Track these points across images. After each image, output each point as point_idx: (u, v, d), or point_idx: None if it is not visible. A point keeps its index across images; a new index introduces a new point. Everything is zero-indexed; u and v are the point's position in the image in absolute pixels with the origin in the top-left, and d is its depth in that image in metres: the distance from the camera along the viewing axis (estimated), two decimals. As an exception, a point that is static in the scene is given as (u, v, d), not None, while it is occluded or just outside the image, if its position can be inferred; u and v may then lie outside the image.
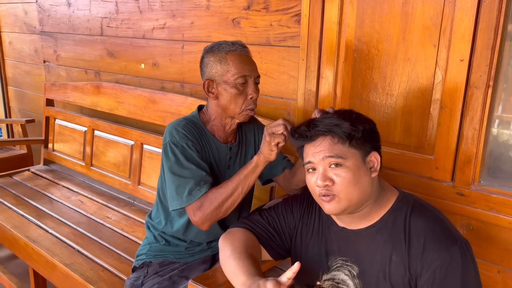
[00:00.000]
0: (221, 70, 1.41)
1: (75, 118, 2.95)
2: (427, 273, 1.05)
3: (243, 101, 1.43)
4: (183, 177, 1.36)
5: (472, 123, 1.44)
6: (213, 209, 1.33)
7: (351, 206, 1.10)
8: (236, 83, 1.40)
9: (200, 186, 1.35)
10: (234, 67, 1.40)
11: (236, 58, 1.41)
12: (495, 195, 1.44)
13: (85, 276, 1.77)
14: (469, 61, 1.41)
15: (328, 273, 1.21)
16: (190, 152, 1.39)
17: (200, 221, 1.35)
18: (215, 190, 1.35)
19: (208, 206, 1.34)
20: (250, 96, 1.43)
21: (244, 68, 1.41)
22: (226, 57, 1.41)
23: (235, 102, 1.42)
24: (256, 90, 1.44)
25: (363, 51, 1.65)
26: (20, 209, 2.42)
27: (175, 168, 1.38)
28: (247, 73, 1.41)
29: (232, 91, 1.41)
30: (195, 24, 2.28)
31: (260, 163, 1.34)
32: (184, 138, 1.40)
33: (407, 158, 1.61)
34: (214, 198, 1.34)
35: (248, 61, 1.44)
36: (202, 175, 1.37)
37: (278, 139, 1.26)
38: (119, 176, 2.60)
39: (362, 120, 1.12)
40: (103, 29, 2.82)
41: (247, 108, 1.44)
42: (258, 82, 1.46)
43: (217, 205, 1.34)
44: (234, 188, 1.34)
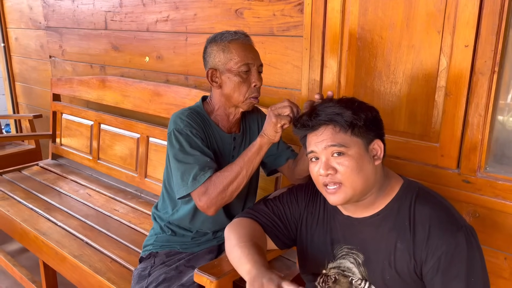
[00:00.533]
0: (224, 59, 1.41)
1: (81, 112, 2.97)
2: (432, 260, 1.05)
3: (246, 89, 1.43)
4: (187, 164, 1.36)
5: (477, 110, 1.43)
6: (218, 193, 1.32)
7: (356, 195, 1.10)
8: (240, 71, 1.40)
9: (204, 171, 1.34)
10: (237, 55, 1.40)
11: (239, 46, 1.42)
12: (501, 181, 1.43)
13: (94, 267, 1.79)
14: (473, 47, 1.40)
15: (333, 261, 1.22)
16: (194, 140, 1.39)
17: (206, 206, 1.34)
18: (219, 174, 1.34)
19: (213, 190, 1.32)
20: (253, 84, 1.43)
21: (247, 56, 1.41)
22: (229, 46, 1.41)
23: (238, 90, 1.43)
24: (259, 78, 1.44)
25: (366, 39, 1.64)
26: (29, 202, 2.45)
27: (179, 156, 1.38)
28: (250, 61, 1.41)
29: (235, 79, 1.41)
30: (198, 16, 2.28)
31: (263, 145, 1.33)
32: (188, 126, 1.41)
33: (412, 146, 1.61)
34: (219, 182, 1.32)
35: (250, 49, 1.44)
36: (206, 161, 1.36)
37: (284, 121, 1.25)
38: (126, 169, 2.62)
39: (365, 108, 1.12)
40: (107, 23, 2.83)
41: (251, 96, 1.44)
42: (261, 71, 1.47)
43: (222, 188, 1.32)
44: (238, 171, 1.33)
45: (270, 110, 1.30)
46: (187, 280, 1.44)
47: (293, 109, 1.26)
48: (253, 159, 1.34)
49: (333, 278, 1.21)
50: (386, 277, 1.12)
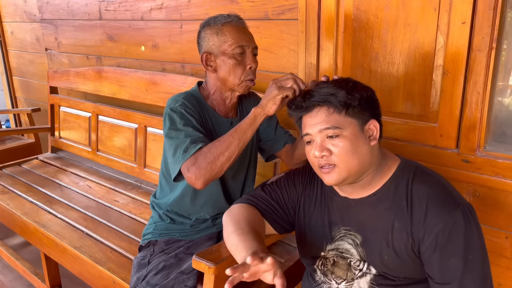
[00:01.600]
0: (218, 42, 1.40)
1: (79, 104, 2.95)
2: (430, 238, 1.04)
3: (242, 71, 1.41)
4: (179, 139, 1.31)
5: (475, 88, 1.41)
6: (207, 163, 1.24)
7: (351, 175, 1.09)
8: (234, 53, 1.39)
9: (195, 143, 1.28)
10: (231, 37, 1.38)
11: (233, 28, 1.40)
12: (501, 160, 1.42)
13: (94, 257, 1.79)
14: (471, 23, 1.37)
15: (332, 243, 1.21)
16: (187, 117, 1.36)
17: (194, 177, 1.25)
18: (210, 145, 1.28)
19: (203, 160, 1.24)
20: (249, 66, 1.41)
21: (241, 38, 1.40)
22: (223, 29, 1.40)
23: (234, 73, 1.41)
24: (254, 60, 1.42)
25: (362, 19, 1.61)
26: (29, 196, 2.45)
27: (172, 133, 1.34)
28: (244, 43, 1.40)
29: (230, 62, 1.40)
30: (192, 2, 2.25)
31: (258, 116, 1.27)
32: (183, 105, 1.39)
33: (411, 127, 1.59)
34: (209, 152, 1.25)
35: (244, 32, 1.43)
36: (198, 136, 1.32)
37: (287, 92, 1.21)
38: (125, 160, 2.62)
39: (359, 88, 1.10)
40: (102, 13, 2.80)
41: (247, 78, 1.43)
42: (256, 53, 1.45)
43: (212, 158, 1.24)
44: (230, 141, 1.26)
45: (272, 82, 1.25)
46: (186, 267, 1.43)
47: (297, 81, 1.22)
48: (246, 130, 1.27)
49: (332, 260, 1.21)
50: (384, 256, 1.11)
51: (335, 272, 1.20)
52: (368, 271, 1.14)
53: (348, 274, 1.17)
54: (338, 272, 1.19)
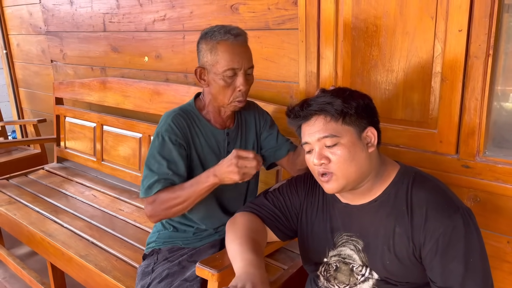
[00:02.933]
0: (211, 60, 1.39)
1: (83, 114, 2.99)
2: (431, 242, 1.05)
3: (231, 93, 1.42)
4: (151, 170, 1.40)
5: (474, 94, 1.42)
6: (162, 209, 1.38)
7: (350, 183, 1.11)
8: (224, 75, 1.38)
9: (159, 183, 1.38)
10: (223, 59, 1.37)
11: (227, 49, 1.37)
12: (501, 165, 1.43)
13: (100, 266, 1.81)
14: (467, 31, 1.39)
15: (334, 249, 1.23)
16: (168, 147, 1.41)
17: (149, 214, 1.41)
18: (170, 193, 1.37)
19: (159, 205, 1.37)
20: (238, 89, 1.41)
21: (233, 61, 1.38)
22: (217, 47, 1.38)
23: (223, 94, 1.42)
24: (245, 82, 1.41)
25: (361, 28, 1.63)
26: (36, 206, 2.47)
27: (149, 158, 1.43)
28: (236, 66, 1.38)
29: (220, 83, 1.40)
30: (195, 13, 2.28)
31: (215, 185, 1.33)
32: (169, 131, 1.43)
33: (410, 133, 1.61)
34: (166, 200, 1.36)
35: (239, 52, 1.39)
36: (167, 174, 1.39)
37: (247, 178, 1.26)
38: (129, 169, 2.64)
39: (356, 96, 1.13)
40: (106, 24, 2.85)
41: (235, 100, 1.43)
42: (250, 73, 1.44)
43: (167, 207, 1.37)
44: (185, 198, 1.35)
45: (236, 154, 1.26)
46: (190, 275, 1.45)
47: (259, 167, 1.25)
48: (202, 194, 1.35)
49: (334, 266, 1.22)
50: (386, 261, 1.12)
51: (338, 277, 1.21)
52: (370, 276, 1.16)
53: (350, 279, 1.19)
54: (340, 278, 1.20)
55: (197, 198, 1.36)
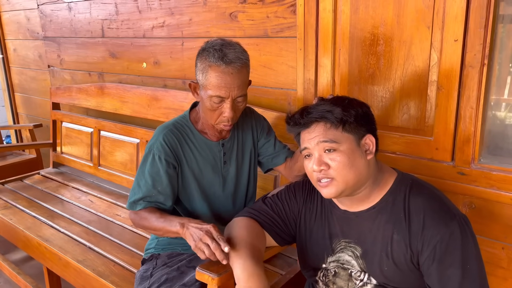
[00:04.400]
0: (202, 81, 1.38)
1: (81, 120, 2.99)
2: (428, 249, 1.07)
3: (217, 116, 1.41)
4: (138, 185, 1.48)
5: (469, 102, 1.45)
6: (140, 225, 1.48)
7: (348, 188, 1.12)
8: (212, 101, 1.37)
9: (144, 201, 1.46)
10: (212, 85, 1.34)
11: (217, 76, 1.33)
12: (496, 172, 1.45)
13: (97, 271, 1.81)
14: (463, 41, 1.42)
15: (332, 255, 1.24)
16: (157, 166, 1.46)
17: (131, 221, 1.53)
18: (148, 215, 1.45)
19: (139, 220, 1.47)
20: (223, 115, 1.40)
21: (221, 90, 1.34)
22: (208, 71, 1.34)
23: (210, 115, 1.43)
24: (230, 111, 1.37)
25: (359, 37, 1.66)
26: (32, 211, 2.47)
27: (139, 172, 1.50)
28: (223, 95, 1.35)
29: (207, 105, 1.39)
30: (193, 20, 2.31)
31: (180, 235, 1.34)
32: (159, 149, 1.45)
33: (407, 141, 1.63)
34: (144, 220, 1.46)
35: (229, 81, 1.33)
36: (151, 193, 1.46)
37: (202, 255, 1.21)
38: (126, 174, 2.65)
39: (355, 104, 1.15)
40: (104, 30, 2.86)
41: (221, 123, 1.43)
42: (240, 100, 1.40)
43: (143, 226, 1.47)
44: (157, 229, 1.43)
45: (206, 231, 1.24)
46: (188, 280, 1.46)
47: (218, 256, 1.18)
48: (170, 234, 1.41)
49: (333, 271, 1.23)
50: (384, 268, 1.14)
51: (337, 282, 1.22)
52: (368, 281, 1.17)
53: (349, 284, 1.20)
54: (339, 283, 1.22)
55: (165, 234, 1.43)
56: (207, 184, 1.55)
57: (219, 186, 1.56)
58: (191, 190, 1.53)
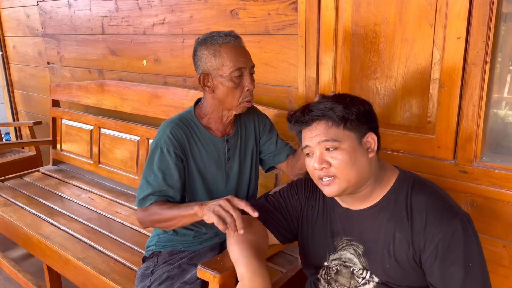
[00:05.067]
0: (216, 64, 1.40)
1: (81, 117, 2.99)
2: (430, 247, 1.07)
3: (240, 93, 1.43)
4: (147, 182, 1.44)
5: (471, 100, 1.45)
6: (150, 221, 1.43)
7: (350, 186, 1.12)
8: (232, 76, 1.40)
9: (154, 196, 1.42)
10: (229, 60, 1.39)
11: (230, 50, 1.40)
12: (498, 170, 1.45)
13: (98, 268, 1.81)
14: (465, 39, 1.42)
15: (334, 253, 1.24)
16: (166, 159, 1.43)
17: (139, 221, 1.47)
18: (159, 208, 1.40)
19: (148, 216, 1.42)
20: (246, 88, 1.43)
21: (239, 61, 1.40)
22: (220, 50, 1.39)
23: (232, 95, 1.43)
24: (252, 81, 1.44)
25: (361, 35, 1.66)
26: (32, 208, 2.46)
27: (147, 168, 1.46)
28: (242, 66, 1.40)
29: (228, 85, 1.41)
30: (194, 17, 2.30)
31: (197, 217, 1.30)
32: (167, 142, 1.44)
33: (409, 139, 1.63)
34: (155, 214, 1.40)
35: (242, 53, 1.42)
36: (161, 187, 1.42)
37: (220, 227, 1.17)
38: (127, 172, 2.64)
39: (357, 102, 1.14)
40: (104, 28, 2.85)
41: (244, 100, 1.45)
42: (253, 72, 1.46)
43: (154, 220, 1.42)
44: (170, 218, 1.38)
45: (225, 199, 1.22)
46: (190, 278, 1.46)
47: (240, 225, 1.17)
48: (185, 220, 1.35)
49: (335, 269, 1.23)
50: (386, 266, 1.14)
51: (339, 280, 1.22)
52: (371, 279, 1.17)
53: (351, 282, 1.20)
54: (341, 280, 1.22)
55: (179, 222, 1.37)
56: (211, 180, 1.54)
57: (222, 182, 1.56)
58: (196, 185, 1.52)
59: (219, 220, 1.18)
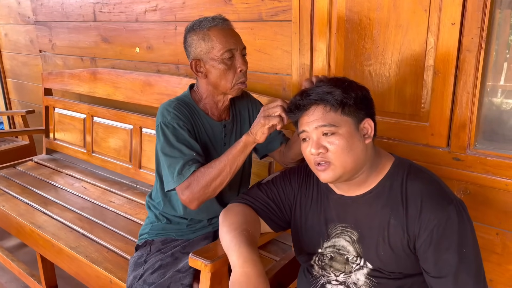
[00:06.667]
0: (206, 48, 1.39)
1: (73, 106, 2.96)
2: (425, 233, 1.07)
3: (233, 75, 1.42)
4: (173, 157, 1.35)
5: (465, 87, 1.44)
6: (200, 188, 1.31)
7: (346, 173, 1.11)
8: (223, 58, 1.39)
9: (189, 166, 1.33)
10: (218, 42, 1.38)
11: (219, 33, 1.39)
12: (491, 158, 1.45)
13: (91, 257, 1.80)
14: (460, 24, 1.40)
15: (328, 240, 1.23)
16: (181, 132, 1.39)
17: (188, 200, 1.33)
18: (203, 170, 1.32)
19: (196, 185, 1.31)
20: (239, 69, 1.42)
21: (229, 42, 1.39)
22: (209, 34, 1.38)
23: (225, 78, 1.42)
24: (244, 62, 1.43)
25: (354, 21, 1.63)
26: (25, 197, 2.45)
27: (166, 149, 1.38)
28: (232, 47, 1.39)
29: (220, 67, 1.40)
30: (187, 4, 2.26)
31: (248, 144, 1.31)
32: (175, 118, 1.40)
33: (402, 126, 1.62)
34: (201, 177, 1.31)
35: (232, 34, 1.41)
36: (192, 155, 1.35)
37: (273, 121, 1.23)
38: (120, 161, 2.63)
39: (355, 87, 1.13)
40: (96, 14, 2.81)
41: (238, 82, 1.43)
42: (245, 53, 1.44)
43: (205, 184, 1.31)
44: (222, 168, 1.31)
45: (262, 108, 1.28)
46: (182, 266, 1.45)
47: (285, 109, 1.22)
48: (237, 157, 1.31)
49: (329, 256, 1.23)
50: (380, 252, 1.13)
51: (334, 265, 1.22)
52: (364, 265, 1.17)
53: (346, 267, 1.20)
54: (336, 266, 1.21)
55: (234, 164, 1.31)
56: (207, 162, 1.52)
57: None
58: None
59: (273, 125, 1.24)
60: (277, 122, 1.22)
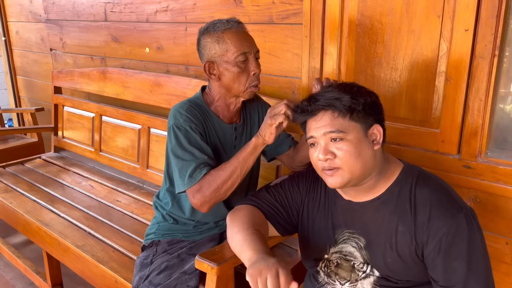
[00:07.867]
0: (220, 50, 1.39)
1: (82, 104, 2.97)
2: (434, 241, 1.05)
3: (246, 78, 1.42)
4: (185, 160, 1.36)
5: (478, 94, 1.42)
6: (212, 191, 1.32)
7: (354, 178, 1.10)
8: (237, 61, 1.38)
9: (200, 169, 1.33)
10: (233, 45, 1.38)
11: (234, 35, 1.39)
12: (502, 166, 1.43)
13: (97, 256, 1.80)
14: (474, 31, 1.39)
15: (335, 246, 1.22)
16: (193, 135, 1.39)
17: (199, 203, 1.34)
18: (214, 173, 1.33)
19: (207, 188, 1.32)
20: (252, 73, 1.41)
21: (243, 45, 1.39)
22: (223, 36, 1.38)
23: (238, 81, 1.41)
24: (257, 65, 1.42)
25: (366, 25, 1.63)
26: (32, 195, 2.46)
27: (178, 152, 1.38)
28: (246, 50, 1.39)
29: (234, 70, 1.40)
30: (198, 5, 2.27)
31: (258, 145, 1.31)
32: (188, 121, 1.40)
33: (413, 132, 1.60)
34: (212, 180, 1.32)
35: (246, 37, 1.42)
36: (204, 158, 1.36)
37: (279, 119, 1.23)
38: (127, 160, 2.63)
39: (364, 93, 1.12)
40: (107, 14, 2.82)
41: (251, 85, 1.43)
42: (258, 57, 1.45)
43: (216, 187, 1.32)
44: (232, 171, 1.32)
45: (268, 111, 1.29)
46: (189, 268, 1.45)
47: (290, 107, 1.22)
48: (248, 159, 1.32)
49: (335, 262, 1.22)
50: (387, 259, 1.12)
51: (339, 273, 1.21)
52: (371, 273, 1.16)
53: (352, 276, 1.19)
54: (342, 274, 1.20)
55: (244, 166, 1.32)
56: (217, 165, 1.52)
57: None
58: None
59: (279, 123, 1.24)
60: (283, 120, 1.23)
